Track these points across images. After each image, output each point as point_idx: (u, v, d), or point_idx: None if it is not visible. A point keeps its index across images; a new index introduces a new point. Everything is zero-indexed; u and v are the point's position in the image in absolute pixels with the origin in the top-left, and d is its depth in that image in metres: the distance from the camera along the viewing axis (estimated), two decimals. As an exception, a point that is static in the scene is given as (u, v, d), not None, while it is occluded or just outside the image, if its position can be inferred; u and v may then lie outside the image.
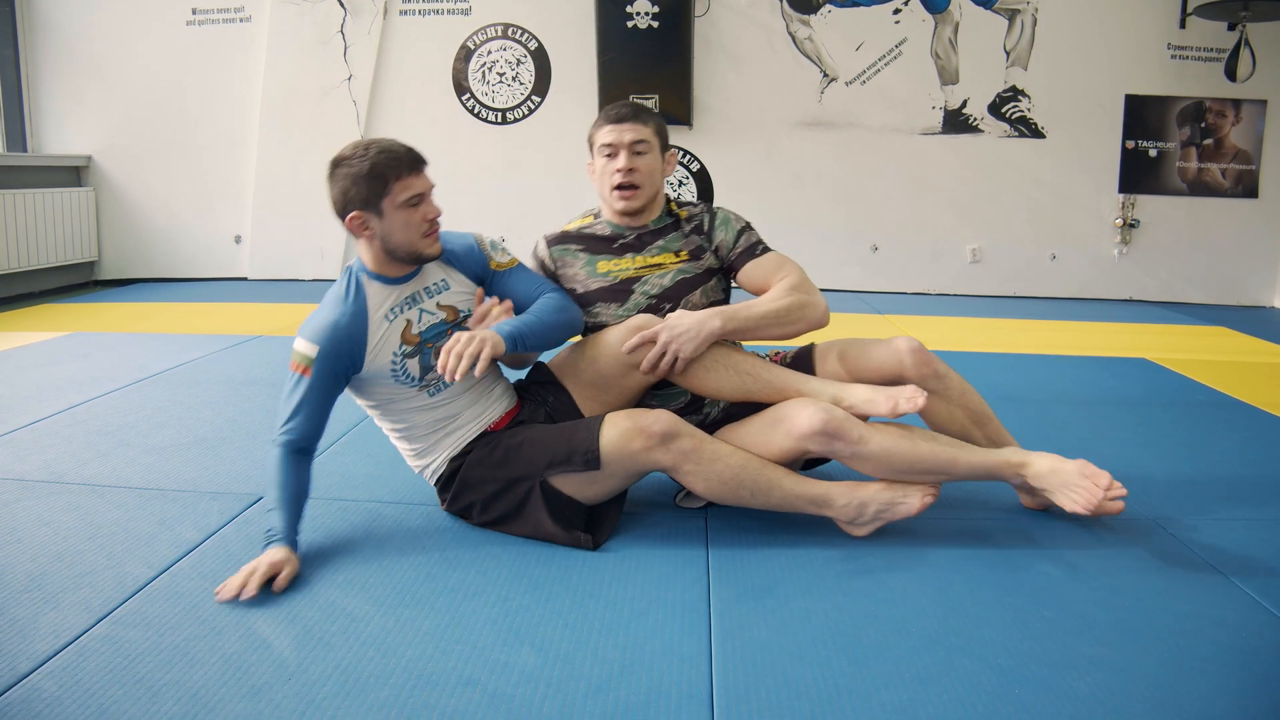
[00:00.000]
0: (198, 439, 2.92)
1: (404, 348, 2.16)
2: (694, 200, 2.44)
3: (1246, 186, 6.26)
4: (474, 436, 2.25)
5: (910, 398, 2.12)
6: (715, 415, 2.38)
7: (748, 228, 2.40)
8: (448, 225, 2.21)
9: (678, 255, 2.38)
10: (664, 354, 2.17)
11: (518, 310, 2.29)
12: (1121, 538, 2.27)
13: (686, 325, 2.17)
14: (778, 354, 2.46)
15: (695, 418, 2.36)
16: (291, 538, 2.03)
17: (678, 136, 6.34)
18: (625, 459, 2.08)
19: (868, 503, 2.16)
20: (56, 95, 6.48)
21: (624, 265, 2.38)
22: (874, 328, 5.07)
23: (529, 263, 2.47)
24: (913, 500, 2.16)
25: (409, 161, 2.09)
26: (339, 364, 2.11)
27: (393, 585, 1.97)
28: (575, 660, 1.69)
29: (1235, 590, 2.00)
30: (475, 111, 6.43)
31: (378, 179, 2.06)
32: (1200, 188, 6.27)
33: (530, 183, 6.38)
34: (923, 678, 1.64)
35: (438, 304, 2.23)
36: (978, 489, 2.55)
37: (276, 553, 1.97)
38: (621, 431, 2.07)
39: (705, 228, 2.39)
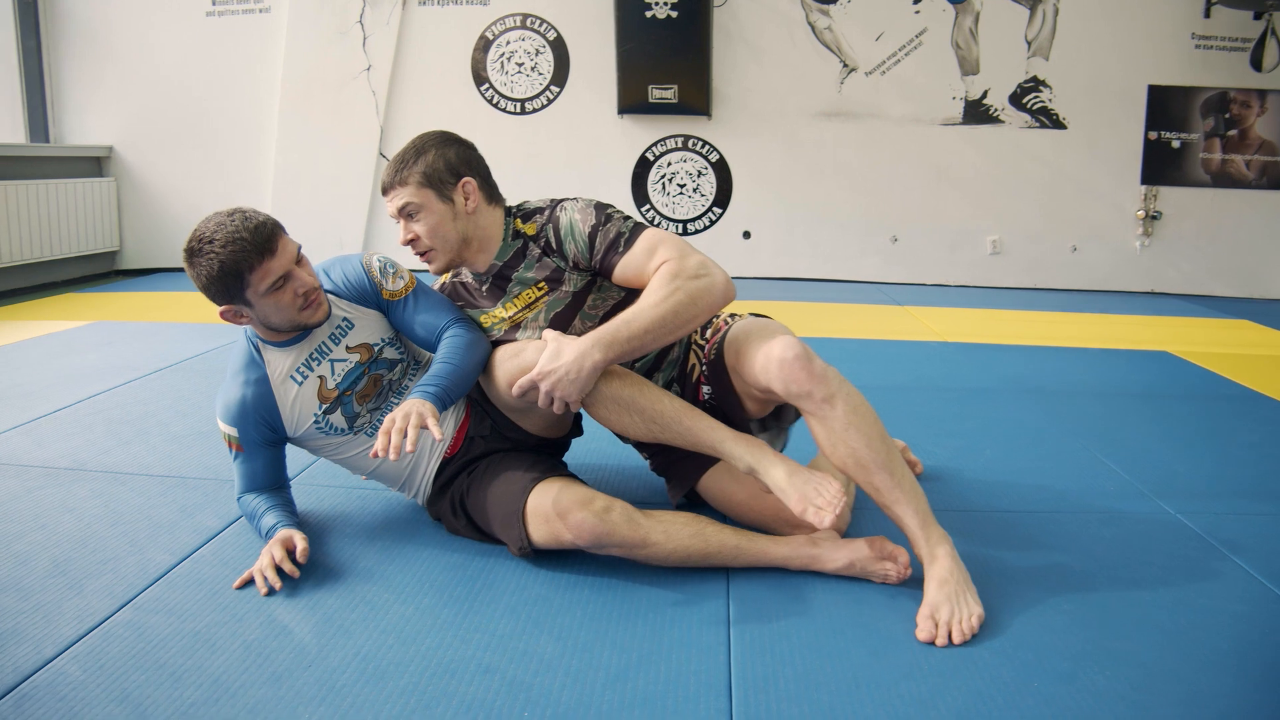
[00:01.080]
0: (218, 428, 2.92)
1: (322, 406, 2.08)
2: (540, 205, 2.14)
3: (1271, 178, 6.19)
4: (435, 470, 2.18)
5: (823, 509, 1.85)
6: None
7: (602, 222, 2.05)
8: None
9: (538, 288, 2.11)
10: (549, 394, 1.93)
11: (420, 342, 2.17)
12: (1143, 532, 2.26)
13: (565, 367, 1.90)
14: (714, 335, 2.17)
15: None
16: (291, 523, 2.05)
17: (697, 127, 6.33)
18: (559, 547, 1.97)
19: (853, 560, 1.96)
20: (78, 86, 6.52)
21: (499, 316, 2.15)
22: (892, 320, 5.06)
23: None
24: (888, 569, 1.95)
25: (258, 247, 1.89)
26: (261, 434, 2.09)
27: (412, 573, 1.98)
28: (594, 649, 1.70)
29: (1258, 585, 1.99)
30: (494, 102, 6.43)
31: (231, 276, 1.90)
32: (1224, 179, 6.21)
33: (549, 173, 6.37)
34: (942, 670, 1.64)
35: (346, 348, 2.10)
36: (999, 481, 2.54)
37: (281, 532, 1.99)
38: (548, 534, 1.94)
39: (554, 244, 2.08)
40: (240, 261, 1.89)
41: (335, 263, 2.17)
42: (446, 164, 2.07)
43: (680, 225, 6.46)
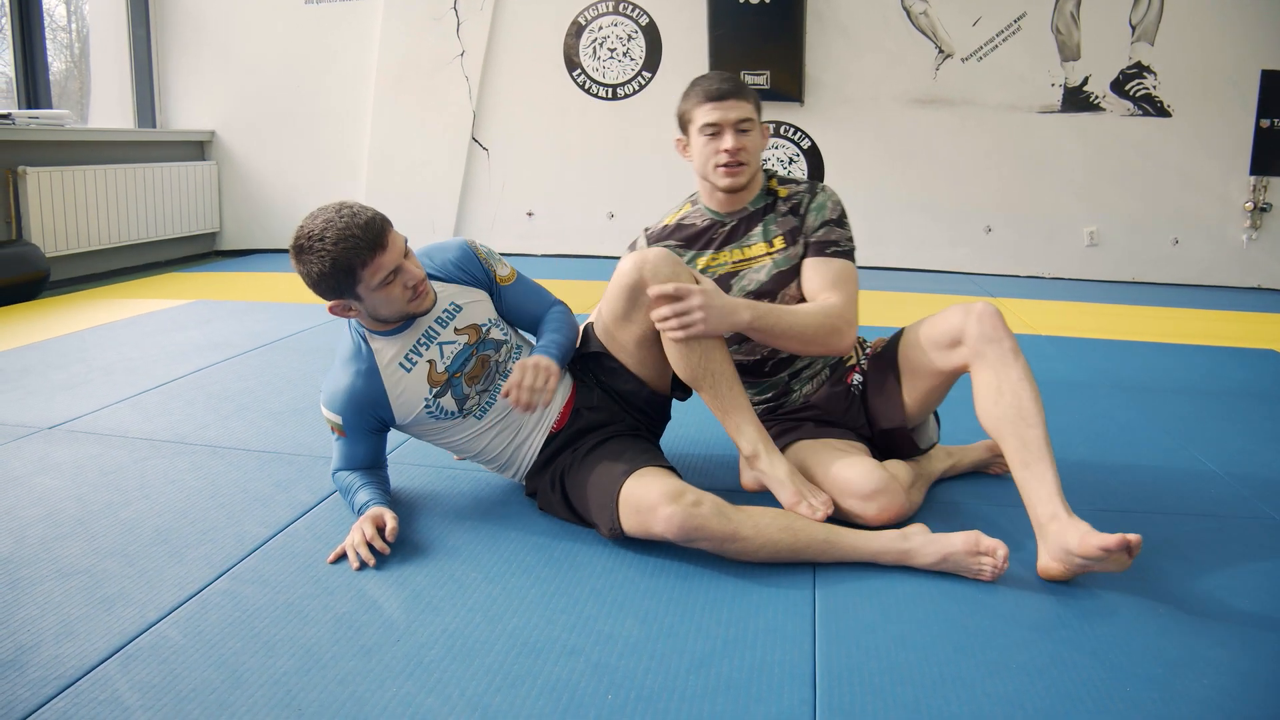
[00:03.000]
0: (312, 404, 3.00)
1: (432, 390, 2.10)
2: (798, 179, 2.33)
3: (1391, 169, 5.90)
4: (541, 444, 2.21)
5: (816, 508, 1.98)
6: (795, 404, 2.37)
7: (837, 222, 2.24)
8: (557, 201, 2.15)
9: (771, 244, 2.26)
10: (684, 314, 1.99)
11: (525, 323, 2.28)
12: (1242, 535, 2.18)
13: (720, 304, 2.01)
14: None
15: (775, 421, 2.36)
16: (383, 501, 2.09)
17: (789, 113, 6.28)
18: (649, 538, 1.98)
19: (947, 555, 1.94)
20: (183, 73, 6.73)
21: (720, 260, 2.29)
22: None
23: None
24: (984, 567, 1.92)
25: (369, 243, 1.91)
26: (367, 422, 2.13)
27: (500, 554, 2.01)
28: (679, 634, 1.70)
29: (1369, 593, 1.91)
30: (586, 87, 6.45)
31: (343, 273, 1.92)
32: (1340, 170, 5.94)
33: (640, 159, 6.38)
34: (1030, 669, 1.61)
35: (455, 329, 2.13)
36: (1092, 479, 2.48)
37: (373, 510, 2.03)
38: (638, 524, 1.95)
39: (801, 209, 2.26)
40: (352, 258, 1.90)
41: (435, 248, 2.20)
42: (759, 103, 2.27)
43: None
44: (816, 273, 2.20)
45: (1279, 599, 1.88)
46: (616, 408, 2.23)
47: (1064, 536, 1.82)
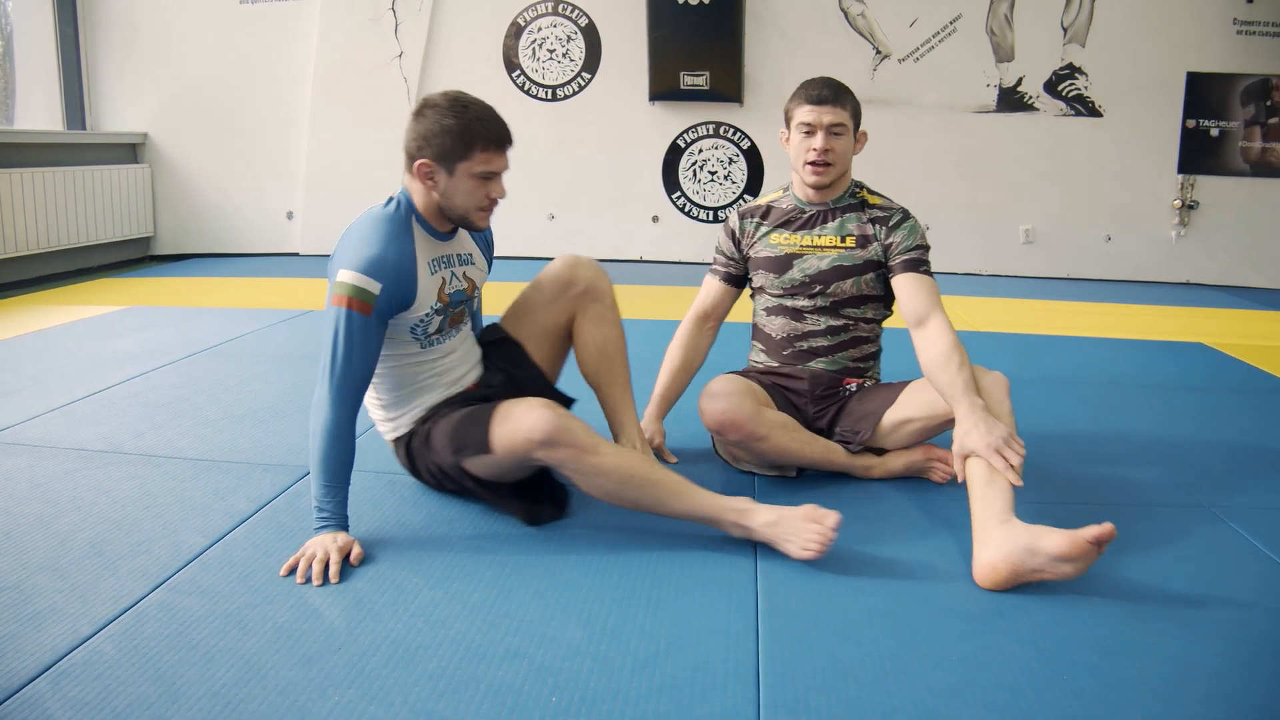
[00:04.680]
0: (251, 411, 2.96)
1: (438, 304, 2.15)
2: (890, 198, 2.54)
3: (1312, 167, 6.09)
4: (443, 399, 2.25)
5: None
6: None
7: (924, 247, 2.44)
8: (501, 201, 2.17)
9: (843, 240, 2.46)
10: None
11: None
12: (1177, 526, 2.23)
13: (1002, 428, 2.06)
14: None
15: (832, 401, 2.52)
16: (346, 520, 2.02)
17: (728, 113, 6.31)
18: (512, 454, 2.02)
19: (780, 518, 1.99)
20: (114, 74, 6.58)
21: (792, 240, 2.49)
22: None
23: (721, 234, 2.62)
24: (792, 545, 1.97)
25: (499, 138, 2.05)
26: (391, 300, 2.03)
27: (441, 558, 1.99)
28: (621, 635, 1.70)
29: (1294, 579, 1.96)
30: (525, 88, 6.43)
31: (465, 141, 2.02)
32: (1264, 168, 6.11)
33: (580, 160, 6.38)
34: (970, 661, 1.63)
35: (464, 274, 2.24)
36: (1030, 473, 2.53)
37: (341, 536, 1.97)
38: (507, 431, 2.00)
39: (891, 223, 2.44)
40: (480, 135, 2.02)
41: None
42: (859, 111, 2.48)
43: (711, 212, 6.44)
44: (917, 287, 2.37)
45: (1210, 586, 1.93)
46: (516, 393, 2.25)
47: (1031, 536, 1.86)
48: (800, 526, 1.95)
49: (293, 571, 1.91)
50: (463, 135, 2.01)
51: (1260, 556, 2.07)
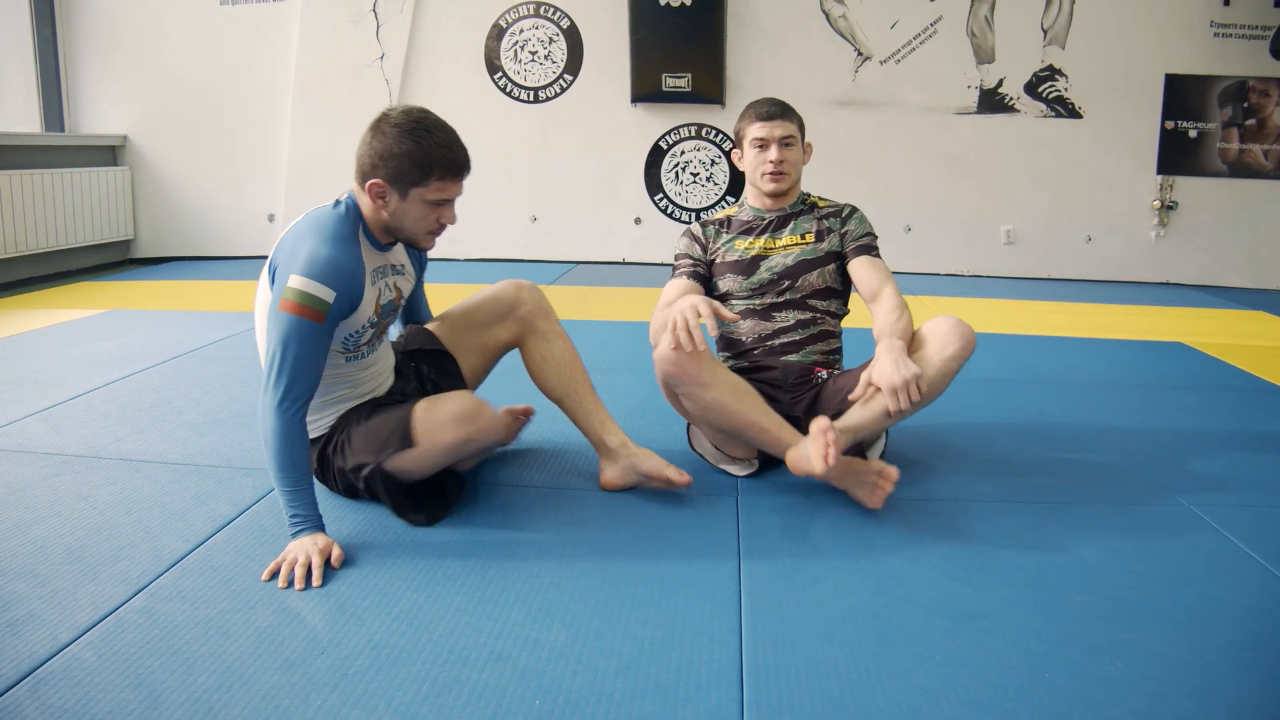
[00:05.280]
0: (232, 415, 2.95)
1: (374, 316, 2.16)
2: (834, 200, 2.78)
3: (1289, 168, 6.14)
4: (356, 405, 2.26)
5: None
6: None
7: (875, 235, 2.70)
8: (479, 205, 2.17)
9: (803, 238, 2.65)
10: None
11: (411, 315, 2.55)
12: (1157, 523, 2.25)
13: (895, 360, 2.31)
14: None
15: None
16: (320, 519, 2.01)
17: (710, 115, 6.32)
18: (436, 445, 2.07)
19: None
20: (93, 76, 6.53)
21: (754, 245, 2.65)
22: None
23: (683, 241, 2.72)
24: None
25: (457, 166, 2.03)
26: (341, 308, 2.00)
27: (424, 561, 1.99)
28: (605, 637, 1.70)
29: (1271, 578, 1.98)
30: (507, 90, 6.42)
31: (422, 168, 1.99)
32: (1241, 169, 6.17)
33: (563, 162, 6.37)
34: (953, 659, 1.64)
35: (395, 284, 2.24)
36: (1011, 471, 2.54)
37: (320, 538, 1.96)
38: (429, 423, 2.07)
39: (843, 215, 2.68)
40: (438, 164, 2.00)
41: None
42: (804, 124, 2.69)
43: (693, 214, 6.45)
44: (871, 268, 2.61)
45: (1190, 584, 1.94)
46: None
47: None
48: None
49: (274, 576, 1.90)
50: (421, 162, 1.99)
51: (1238, 553, 2.08)
